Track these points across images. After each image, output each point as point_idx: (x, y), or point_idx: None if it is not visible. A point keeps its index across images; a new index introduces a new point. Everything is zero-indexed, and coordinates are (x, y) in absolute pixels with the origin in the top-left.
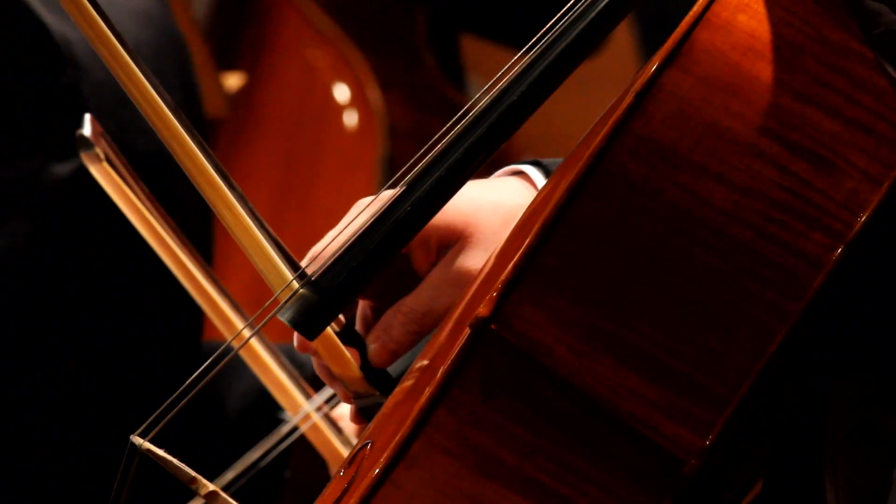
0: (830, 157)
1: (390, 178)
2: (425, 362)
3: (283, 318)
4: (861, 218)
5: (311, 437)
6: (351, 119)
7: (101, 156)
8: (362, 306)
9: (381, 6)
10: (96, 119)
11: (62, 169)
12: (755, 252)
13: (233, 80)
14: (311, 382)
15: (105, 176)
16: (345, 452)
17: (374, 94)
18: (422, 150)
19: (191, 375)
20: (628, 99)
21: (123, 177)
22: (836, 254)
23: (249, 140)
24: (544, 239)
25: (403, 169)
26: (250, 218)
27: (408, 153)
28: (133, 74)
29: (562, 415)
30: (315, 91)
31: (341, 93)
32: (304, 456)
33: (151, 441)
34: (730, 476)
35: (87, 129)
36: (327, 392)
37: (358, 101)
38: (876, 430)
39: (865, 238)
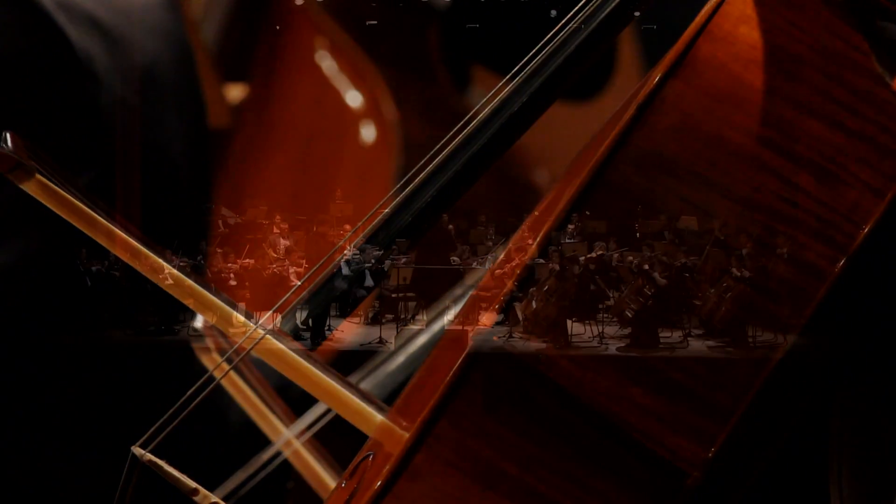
0: (833, 168)
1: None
2: (428, 374)
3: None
4: (864, 229)
5: (295, 462)
6: (366, 132)
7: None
8: None
9: (395, 20)
10: (110, 133)
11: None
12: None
13: (235, 92)
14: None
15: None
16: (327, 477)
17: (389, 108)
18: (422, 162)
19: (185, 385)
20: (631, 110)
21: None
22: (839, 265)
23: (264, 153)
24: (544, 255)
25: (405, 178)
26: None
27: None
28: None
29: (564, 426)
30: (330, 104)
31: (357, 106)
32: None
33: (153, 452)
34: (733, 487)
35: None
36: (309, 418)
37: (373, 114)
38: (880, 437)
39: (869, 249)
